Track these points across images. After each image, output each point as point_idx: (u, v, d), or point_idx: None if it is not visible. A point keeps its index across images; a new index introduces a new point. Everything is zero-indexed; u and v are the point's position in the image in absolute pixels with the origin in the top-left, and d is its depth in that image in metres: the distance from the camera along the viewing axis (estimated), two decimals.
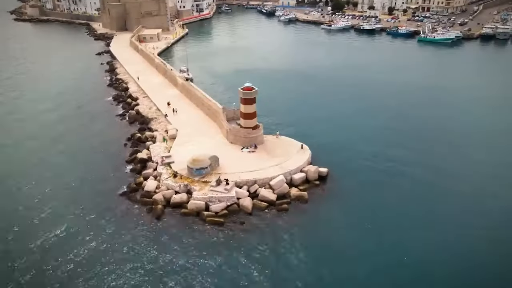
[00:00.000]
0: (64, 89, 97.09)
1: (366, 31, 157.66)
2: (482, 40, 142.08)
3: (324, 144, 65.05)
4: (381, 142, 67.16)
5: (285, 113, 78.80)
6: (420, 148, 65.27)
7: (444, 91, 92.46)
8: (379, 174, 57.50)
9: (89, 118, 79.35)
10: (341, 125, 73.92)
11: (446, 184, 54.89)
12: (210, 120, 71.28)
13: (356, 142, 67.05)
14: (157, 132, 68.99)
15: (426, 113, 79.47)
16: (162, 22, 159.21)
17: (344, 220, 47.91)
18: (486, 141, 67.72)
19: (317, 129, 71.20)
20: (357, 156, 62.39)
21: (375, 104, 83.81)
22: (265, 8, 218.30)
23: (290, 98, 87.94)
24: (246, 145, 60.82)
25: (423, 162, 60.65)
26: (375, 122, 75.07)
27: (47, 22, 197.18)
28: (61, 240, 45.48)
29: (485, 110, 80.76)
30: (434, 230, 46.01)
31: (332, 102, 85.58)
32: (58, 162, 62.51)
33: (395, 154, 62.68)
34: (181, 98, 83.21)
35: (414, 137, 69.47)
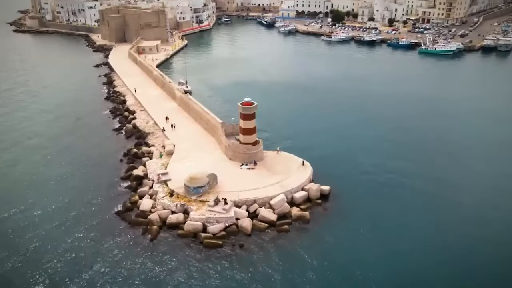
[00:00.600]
0: (61, 102, 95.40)
1: (367, 43, 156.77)
2: (483, 52, 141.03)
3: (326, 159, 63.46)
4: (383, 154, 66.01)
5: (285, 127, 77.14)
6: (422, 160, 64.30)
7: (446, 102, 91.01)
8: (382, 189, 56.03)
9: (85, 132, 77.52)
10: (342, 138, 72.38)
11: (448, 196, 54.04)
12: (208, 135, 69.45)
13: (357, 155, 65.63)
14: (154, 148, 67.10)
15: (428, 124, 78.18)
16: (161, 34, 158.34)
17: (347, 241, 45.82)
18: (487, 153, 67.20)
19: (318, 143, 69.60)
20: (359, 170, 60.95)
21: (376, 116, 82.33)
22: (265, 19, 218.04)
23: (290, 111, 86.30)
24: (245, 162, 58.90)
25: (426, 174, 59.71)
26: (376, 134, 73.69)
27: (46, 34, 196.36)
28: (49, 261, 43.32)
29: (486, 122, 79.72)
30: (439, 244, 45.01)
31: (333, 114, 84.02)
32: (52, 178, 60.53)
33: (397, 167, 61.63)
34: (179, 112, 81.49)
35: (416, 149, 68.39)
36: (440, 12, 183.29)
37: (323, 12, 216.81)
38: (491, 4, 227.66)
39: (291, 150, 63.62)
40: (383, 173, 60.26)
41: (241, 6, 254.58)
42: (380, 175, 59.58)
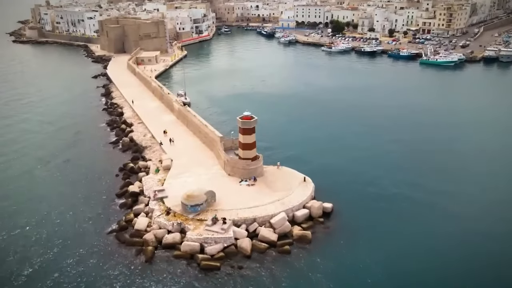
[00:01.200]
0: (58, 114, 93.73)
1: (367, 53, 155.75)
2: (485, 62, 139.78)
3: (327, 174, 61.77)
4: (386, 168, 64.47)
5: (286, 140, 75.35)
6: (426, 173, 62.92)
7: (448, 114, 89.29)
8: (386, 205, 54.24)
9: (81, 146, 75.72)
10: (344, 151, 70.64)
11: (456, 212, 52.48)
12: (207, 149, 67.63)
13: (360, 169, 63.97)
14: (151, 162, 65.25)
15: (431, 136, 76.66)
16: (161, 44, 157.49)
17: (351, 263, 43.70)
18: (490, 165, 65.80)
19: (319, 157, 67.88)
20: (362, 185, 59.26)
21: (379, 128, 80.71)
22: (265, 29, 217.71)
23: (290, 123, 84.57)
24: (244, 178, 57.00)
25: (431, 188, 58.27)
26: (379, 147, 72.08)
27: (45, 44, 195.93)
28: (41, 282, 41.18)
29: (489, 134, 78.49)
30: (447, 264, 43.18)
31: (334, 127, 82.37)
32: (44, 195, 58.59)
33: (401, 181, 60.25)
34: (177, 125, 79.78)
35: (419, 161, 66.94)
36: (440, 23, 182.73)
37: (323, 22, 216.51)
38: (491, 15, 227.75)
39: (292, 165, 61.77)
40: (387, 188, 58.55)
41: (241, 17, 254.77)
42: (384, 190, 57.83)
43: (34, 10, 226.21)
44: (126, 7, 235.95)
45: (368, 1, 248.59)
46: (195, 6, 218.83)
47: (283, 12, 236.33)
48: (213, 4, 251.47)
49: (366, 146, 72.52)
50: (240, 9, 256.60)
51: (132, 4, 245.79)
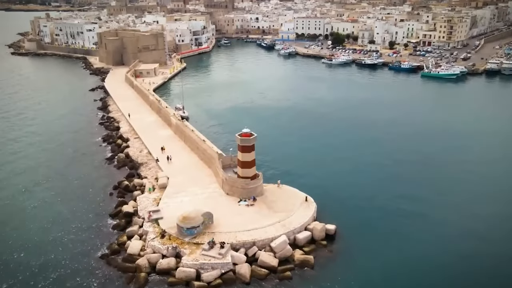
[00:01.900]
0: (53, 129, 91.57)
1: (368, 66, 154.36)
2: (487, 75, 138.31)
3: (330, 193, 59.56)
4: (390, 185, 62.58)
5: (286, 156, 73.11)
6: (432, 189, 61.34)
7: (453, 129, 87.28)
8: (392, 225, 52.12)
9: (75, 161, 73.36)
10: (346, 168, 68.47)
11: (465, 231, 50.73)
12: (204, 167, 65.29)
13: (363, 186, 61.98)
14: (146, 180, 62.86)
15: (436, 152, 74.89)
16: (159, 56, 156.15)
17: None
18: (496, 180, 64.49)
19: (321, 174, 65.72)
20: (366, 204, 57.20)
21: (382, 144, 78.67)
22: (265, 41, 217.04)
23: (290, 138, 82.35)
24: (243, 197, 54.61)
25: (438, 204, 56.89)
26: (382, 163, 70.07)
27: (44, 56, 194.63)
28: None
29: (496, 149, 76.76)
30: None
31: (336, 142, 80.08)
32: (35, 213, 56.27)
33: (406, 197, 58.62)
34: (174, 140, 77.60)
35: (424, 178, 65.17)
36: (441, 35, 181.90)
37: (323, 34, 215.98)
38: (491, 27, 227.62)
39: (292, 183, 59.60)
40: (392, 205, 56.55)
41: (240, 29, 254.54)
42: (389, 209, 55.79)
43: (34, 22, 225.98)
44: (125, 19, 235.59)
45: (368, 13, 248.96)
46: (194, 18, 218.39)
47: (283, 24, 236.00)
48: (213, 16, 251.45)
49: (368, 162, 70.47)
50: (240, 21, 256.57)
51: (132, 16, 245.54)
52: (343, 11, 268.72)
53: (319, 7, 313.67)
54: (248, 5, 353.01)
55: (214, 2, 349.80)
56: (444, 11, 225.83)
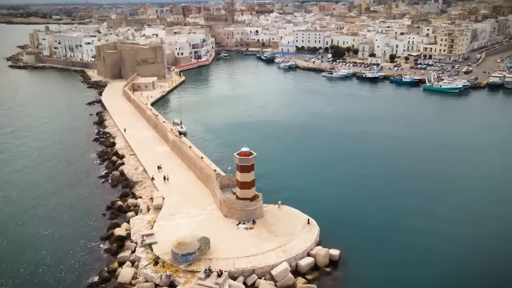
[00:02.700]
0: (48, 144, 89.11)
1: (369, 79, 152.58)
2: (490, 89, 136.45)
3: (333, 214, 56.95)
4: (396, 203, 60.24)
5: (286, 174, 70.56)
6: (436, 208, 58.89)
7: (458, 145, 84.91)
8: (399, 247, 49.67)
9: (68, 179, 70.66)
10: (349, 187, 65.93)
11: (473, 251, 48.62)
12: (202, 186, 62.57)
13: (367, 207, 59.48)
14: (141, 200, 60.07)
15: (441, 170, 72.13)
16: (158, 70, 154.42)
17: None
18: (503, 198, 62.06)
19: (323, 194, 63.14)
20: (371, 225, 54.68)
21: (386, 161, 76.26)
22: (264, 54, 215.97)
23: (291, 155, 79.80)
24: (242, 220, 51.82)
25: (442, 224, 54.51)
26: (388, 182, 67.52)
27: (42, 69, 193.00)
28: None
29: (503, 164, 74.31)
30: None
31: (338, 159, 77.57)
32: (23, 237, 53.37)
33: (413, 216, 56.54)
34: (171, 157, 75.02)
35: (429, 197, 62.50)
36: (442, 48, 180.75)
37: (323, 47, 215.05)
38: (491, 41, 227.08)
39: (294, 203, 56.91)
40: (400, 227, 54.11)
41: (240, 42, 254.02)
42: (396, 230, 53.26)
43: (33, 35, 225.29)
44: (125, 32, 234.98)
45: (368, 26, 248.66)
46: (194, 31, 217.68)
47: (282, 37, 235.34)
48: (212, 29, 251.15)
49: (372, 179, 68.08)
50: (240, 34, 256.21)
51: (131, 30, 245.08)
52: (342, 24, 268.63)
53: (319, 20, 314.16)
54: (248, 18, 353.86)
55: (214, 15, 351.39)
56: (444, 25, 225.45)
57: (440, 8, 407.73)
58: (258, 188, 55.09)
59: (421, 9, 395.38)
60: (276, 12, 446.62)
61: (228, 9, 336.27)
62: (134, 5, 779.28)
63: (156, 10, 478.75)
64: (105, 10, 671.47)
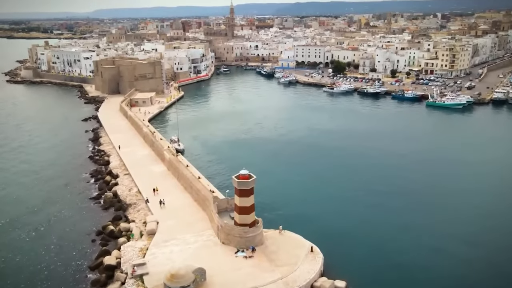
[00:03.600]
0: (41, 162, 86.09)
1: (370, 95, 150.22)
2: (494, 105, 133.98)
3: (337, 239, 53.91)
4: (404, 228, 56.94)
5: (287, 196, 67.35)
6: (444, 231, 55.95)
7: (465, 163, 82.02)
8: (408, 276, 46.26)
9: (59, 201, 67.28)
10: (354, 210, 62.63)
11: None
12: (199, 209, 59.27)
13: (374, 232, 56.00)
14: (134, 224, 56.73)
15: (448, 191, 68.93)
16: (157, 85, 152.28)
17: None
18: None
19: (327, 218, 59.90)
20: (378, 252, 51.37)
21: (393, 182, 73.00)
22: (264, 69, 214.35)
23: (292, 175, 76.66)
24: (241, 248, 48.43)
25: (452, 248, 51.18)
26: (395, 204, 64.32)
27: (40, 84, 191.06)
28: None
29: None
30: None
31: (341, 179, 74.40)
32: (3, 260, 49.73)
33: (423, 242, 53.23)
34: (167, 177, 71.86)
35: (437, 220, 59.30)
36: (443, 64, 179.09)
37: (323, 62, 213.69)
38: (492, 56, 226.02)
39: (296, 228, 53.72)
40: (412, 255, 50.62)
41: (240, 56, 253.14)
42: (405, 258, 49.92)
43: (31, 50, 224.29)
44: (124, 47, 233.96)
45: (368, 41, 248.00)
46: (193, 46, 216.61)
47: (282, 52, 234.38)
48: (212, 44, 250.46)
49: (378, 201, 64.84)
50: (240, 49, 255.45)
51: (131, 44, 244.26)
52: (342, 39, 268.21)
53: (319, 35, 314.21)
54: (247, 33, 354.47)
55: (214, 30, 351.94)
56: (444, 40, 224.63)
57: (439, 23, 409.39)
58: (258, 211, 51.82)
59: (420, 24, 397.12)
60: (276, 27, 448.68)
61: (228, 24, 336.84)
62: (135, 20, 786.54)
63: (157, 25, 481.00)
64: (106, 25, 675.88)
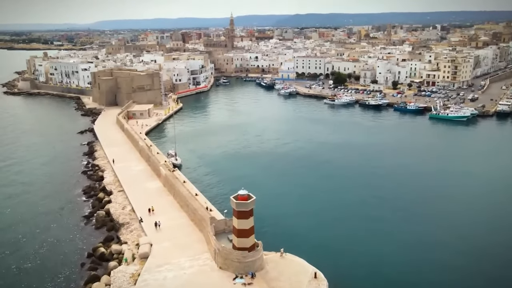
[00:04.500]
0: (32, 177, 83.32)
1: (372, 107, 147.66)
2: (498, 117, 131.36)
3: (342, 263, 50.90)
4: (412, 250, 53.91)
5: (288, 215, 64.27)
6: (452, 250, 52.32)
7: (473, 177, 79.00)
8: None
9: (48, 219, 64.29)
10: (359, 230, 59.51)
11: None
12: (195, 230, 56.05)
13: (381, 255, 52.88)
14: (126, 246, 53.48)
15: (455, 210, 65.43)
16: (155, 97, 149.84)
17: None
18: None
19: (330, 239, 56.90)
20: (385, 278, 47.82)
21: (399, 198, 70.12)
22: (264, 81, 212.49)
23: (294, 192, 73.53)
24: (240, 273, 45.15)
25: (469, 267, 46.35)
26: (402, 224, 61.24)
27: (37, 96, 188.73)
28: None
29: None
30: None
31: (345, 197, 71.32)
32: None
33: (432, 266, 49.26)
34: (163, 194, 68.73)
35: (447, 237, 56.37)
36: (445, 75, 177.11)
37: (324, 74, 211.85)
38: (494, 67, 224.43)
39: (298, 251, 50.57)
40: (422, 278, 47.50)
41: (240, 67, 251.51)
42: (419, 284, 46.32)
43: (30, 61, 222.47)
44: (123, 58, 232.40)
45: (368, 53, 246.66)
46: (193, 57, 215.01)
47: (282, 63, 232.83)
48: (212, 55, 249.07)
49: (385, 220, 62.19)
50: (239, 60, 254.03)
51: (130, 56, 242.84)
52: (343, 50, 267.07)
53: (319, 46, 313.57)
54: (247, 44, 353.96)
55: (214, 41, 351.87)
56: (445, 51, 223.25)
57: (439, 34, 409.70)
58: (258, 231, 48.56)
59: (420, 36, 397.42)
60: (276, 38, 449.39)
61: (228, 35, 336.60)
62: (136, 31, 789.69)
63: (157, 36, 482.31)
64: (107, 36, 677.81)
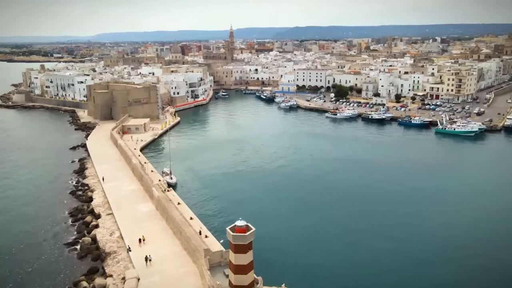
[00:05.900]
0: (18, 197, 78.41)
1: (376, 121, 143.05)
2: (506, 132, 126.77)
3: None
4: (425, 276, 48.05)
5: (289, 242, 59.37)
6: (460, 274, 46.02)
7: (482, 193, 73.80)
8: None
9: (28, 247, 58.99)
10: (366, 259, 54.36)
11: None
12: (188, 261, 50.83)
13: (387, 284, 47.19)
14: (111, 280, 48.20)
15: (463, 235, 60.06)
16: (152, 110, 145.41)
17: None
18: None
19: (339, 272, 51.43)
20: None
21: (407, 220, 65.03)
22: (264, 93, 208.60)
23: (294, 216, 68.18)
24: None
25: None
26: (412, 249, 55.75)
27: (32, 109, 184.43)
28: None
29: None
30: None
31: (351, 221, 66.23)
32: None
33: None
34: (155, 218, 63.56)
35: (461, 265, 50.08)
36: (449, 88, 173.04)
37: (325, 86, 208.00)
38: (497, 80, 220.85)
39: (301, 285, 45.16)
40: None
41: (239, 80, 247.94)
42: None
43: (25, 74, 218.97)
44: (121, 70, 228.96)
45: (370, 65, 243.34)
46: (191, 70, 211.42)
47: (283, 75, 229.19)
48: (211, 68, 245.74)
49: (394, 245, 56.96)
50: (239, 73, 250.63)
51: (128, 68, 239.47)
52: (343, 62, 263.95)
53: (319, 59, 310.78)
54: (247, 56, 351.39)
55: (213, 54, 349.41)
56: (448, 64, 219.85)
57: (440, 47, 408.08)
58: (257, 264, 43.17)
59: (421, 48, 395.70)
60: (276, 50, 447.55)
61: (227, 48, 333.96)
62: (136, 44, 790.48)
63: (156, 48, 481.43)
64: (107, 49, 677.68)
